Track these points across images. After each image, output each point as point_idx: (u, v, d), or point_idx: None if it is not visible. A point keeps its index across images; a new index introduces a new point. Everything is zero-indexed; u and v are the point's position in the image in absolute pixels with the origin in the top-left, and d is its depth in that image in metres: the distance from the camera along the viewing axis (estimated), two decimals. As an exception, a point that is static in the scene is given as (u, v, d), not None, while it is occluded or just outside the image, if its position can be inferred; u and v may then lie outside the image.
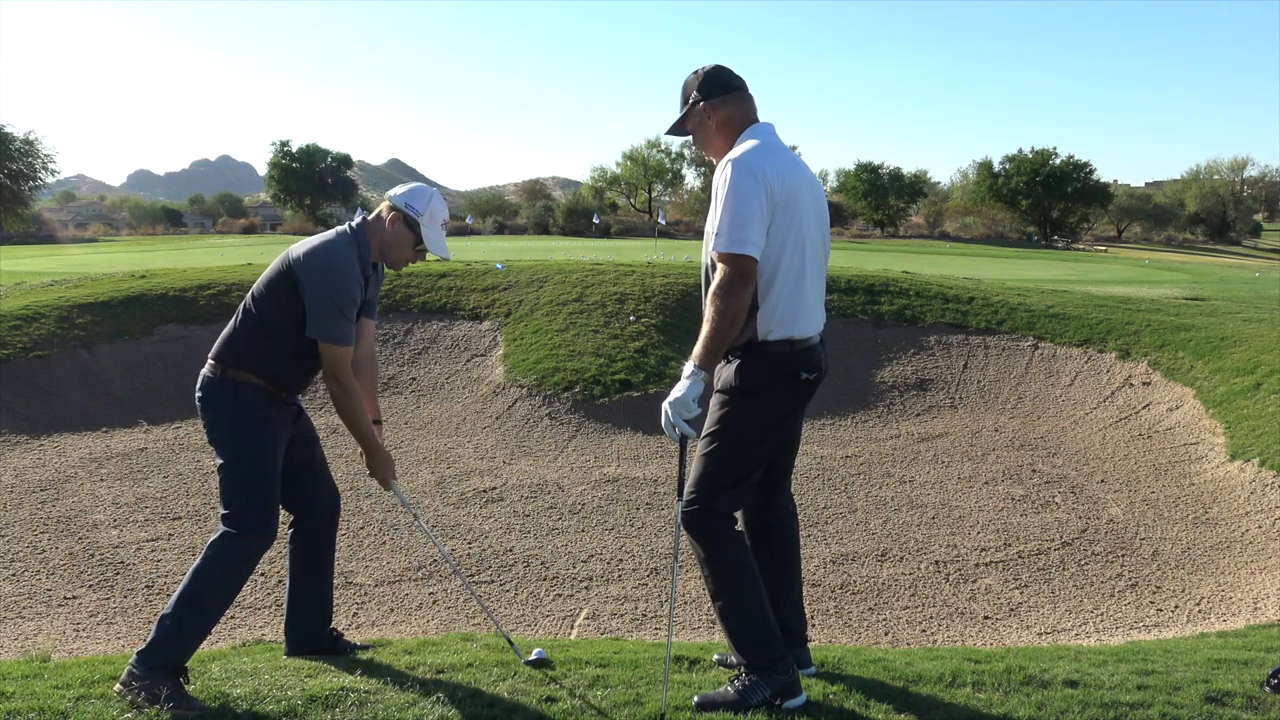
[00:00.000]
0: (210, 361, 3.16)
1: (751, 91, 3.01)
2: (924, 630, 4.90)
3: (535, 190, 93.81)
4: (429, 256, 3.34)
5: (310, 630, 3.40)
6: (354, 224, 3.20)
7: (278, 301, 3.09)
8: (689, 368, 2.70)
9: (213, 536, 3.05)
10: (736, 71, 3.02)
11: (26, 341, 9.76)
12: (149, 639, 2.94)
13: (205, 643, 3.18)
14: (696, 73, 3.01)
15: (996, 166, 64.19)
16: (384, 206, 3.25)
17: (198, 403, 3.16)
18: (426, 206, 3.21)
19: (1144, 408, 9.15)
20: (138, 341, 10.53)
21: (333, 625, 3.51)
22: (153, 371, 10.21)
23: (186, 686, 2.90)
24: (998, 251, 41.13)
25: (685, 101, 3.01)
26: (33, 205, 50.78)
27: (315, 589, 3.43)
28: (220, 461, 3.07)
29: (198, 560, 3.02)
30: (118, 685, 2.90)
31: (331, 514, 3.43)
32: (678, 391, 2.67)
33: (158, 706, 2.74)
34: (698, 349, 2.71)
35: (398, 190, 3.28)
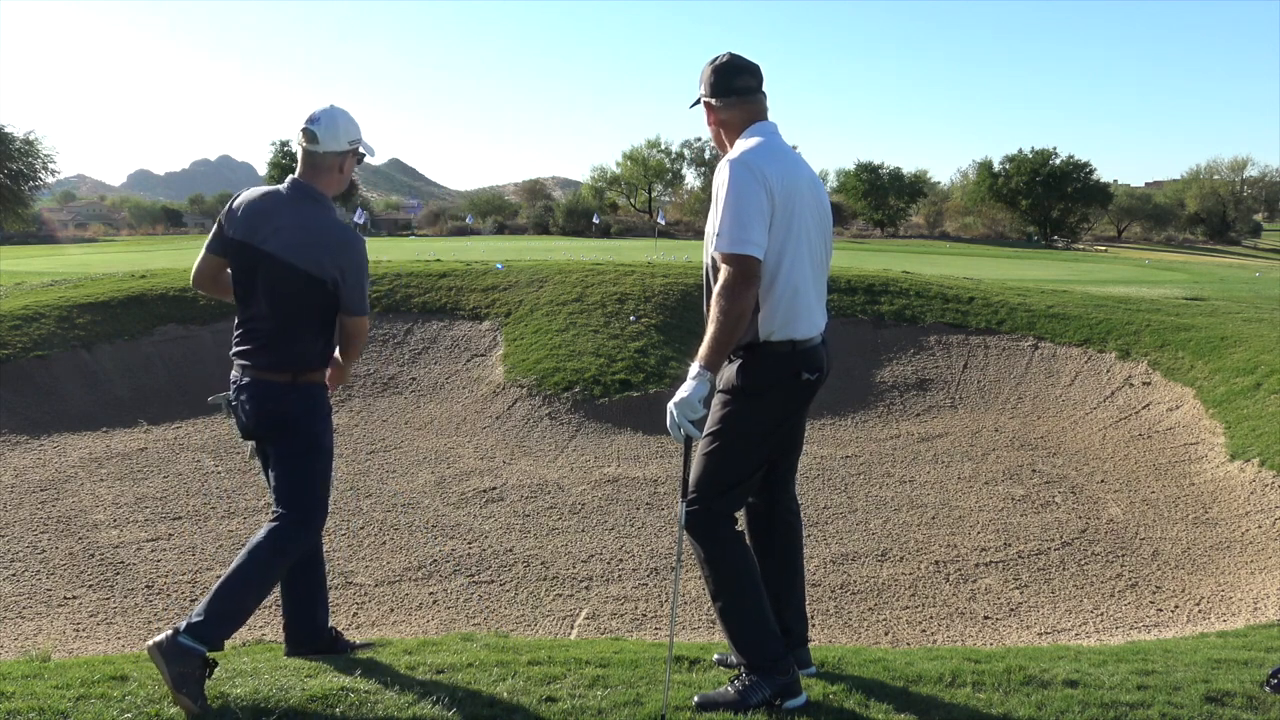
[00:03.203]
0: None
1: (765, 87, 2.95)
2: (924, 630, 4.90)
3: (535, 190, 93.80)
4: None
5: (306, 627, 3.38)
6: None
7: None
8: (694, 368, 2.68)
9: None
10: (751, 61, 2.94)
11: (26, 341, 9.76)
12: (202, 618, 2.88)
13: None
14: (713, 62, 2.97)
15: (996, 166, 64.24)
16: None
17: None
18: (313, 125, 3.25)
19: (1144, 408, 9.15)
20: (138, 341, 10.53)
21: (332, 625, 3.50)
22: (153, 371, 10.22)
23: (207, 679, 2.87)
24: (998, 251, 41.14)
25: (700, 85, 3.01)
26: (33, 205, 50.77)
27: (307, 586, 3.40)
28: None
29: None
30: (152, 644, 2.81)
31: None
32: (683, 392, 2.66)
33: (173, 688, 2.71)
34: (703, 349, 2.70)
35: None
